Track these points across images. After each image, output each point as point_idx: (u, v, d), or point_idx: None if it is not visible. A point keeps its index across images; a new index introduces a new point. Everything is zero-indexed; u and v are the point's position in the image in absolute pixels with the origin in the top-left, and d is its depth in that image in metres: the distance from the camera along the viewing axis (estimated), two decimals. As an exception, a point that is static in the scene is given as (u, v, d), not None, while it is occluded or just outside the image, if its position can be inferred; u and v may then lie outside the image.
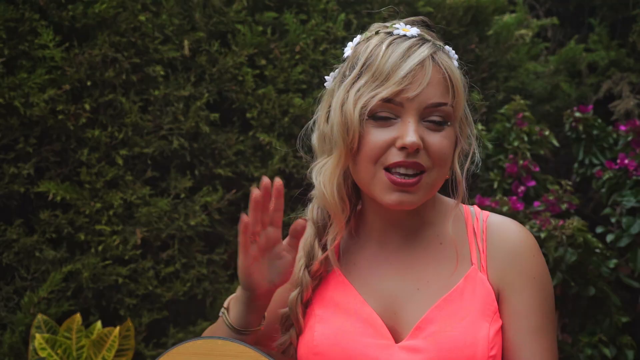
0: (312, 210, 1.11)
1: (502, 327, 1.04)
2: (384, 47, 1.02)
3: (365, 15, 2.49)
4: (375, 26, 1.09)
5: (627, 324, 2.50)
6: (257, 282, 1.01)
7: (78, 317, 1.91)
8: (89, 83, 2.04)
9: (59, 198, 2.01)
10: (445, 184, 1.09)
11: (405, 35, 1.04)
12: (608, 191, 2.52)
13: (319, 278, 1.09)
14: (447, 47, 1.08)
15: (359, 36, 1.08)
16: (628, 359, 2.29)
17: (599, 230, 2.47)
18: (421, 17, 1.08)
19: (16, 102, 1.94)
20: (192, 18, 2.20)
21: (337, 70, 1.11)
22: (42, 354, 1.85)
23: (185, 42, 2.18)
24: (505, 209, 2.37)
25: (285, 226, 1.20)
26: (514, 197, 2.41)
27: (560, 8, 3.67)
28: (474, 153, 1.06)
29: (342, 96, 1.02)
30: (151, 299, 2.14)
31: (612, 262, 2.35)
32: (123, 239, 2.08)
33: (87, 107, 2.03)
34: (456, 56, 1.08)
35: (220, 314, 1.06)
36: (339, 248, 1.12)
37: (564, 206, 2.46)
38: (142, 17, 2.08)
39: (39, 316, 1.90)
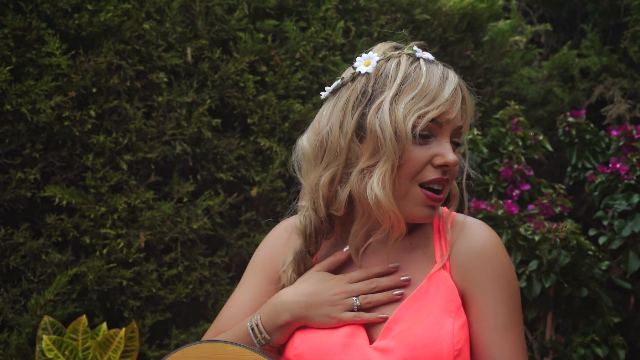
0: (303, 223, 1.13)
1: (470, 325, 1.07)
2: (424, 67, 1.07)
3: (363, 22, 2.53)
4: (385, 46, 1.13)
5: (618, 324, 2.55)
6: None
7: (84, 318, 1.93)
8: (94, 90, 2.06)
9: (64, 202, 2.03)
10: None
11: (428, 59, 1.10)
12: (600, 194, 2.56)
13: None
14: None
15: (374, 55, 1.11)
16: (620, 358, 2.33)
17: (592, 232, 2.51)
18: (423, 42, 1.14)
19: (23, 109, 1.95)
20: (194, 26, 2.23)
21: (339, 82, 1.12)
22: (49, 355, 1.87)
23: (188, 50, 2.20)
24: (500, 212, 2.42)
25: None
26: (509, 201, 2.45)
27: (554, 14, 3.73)
28: (467, 170, 1.14)
29: (387, 111, 1.05)
30: (154, 301, 2.17)
31: (605, 264, 2.39)
32: (127, 242, 2.11)
33: (92, 113, 2.05)
34: None
35: (257, 342, 1.10)
36: (318, 255, 1.16)
37: (558, 209, 2.50)
38: (146, 25, 2.10)
39: (46, 318, 1.92)
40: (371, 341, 1.07)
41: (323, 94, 1.15)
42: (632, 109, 3.12)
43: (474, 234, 1.11)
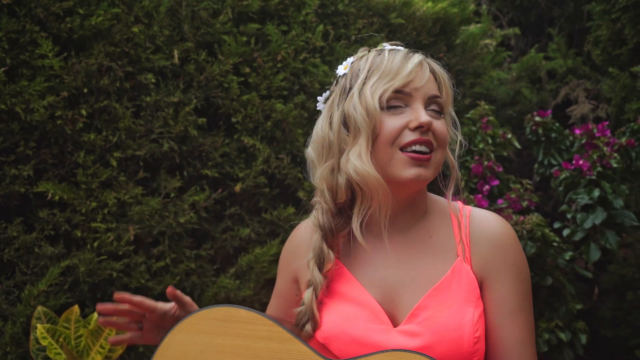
0: (316, 216, 1.22)
1: (486, 310, 1.16)
2: (386, 54, 1.19)
3: (341, 26, 2.64)
4: (361, 49, 1.26)
5: (584, 312, 2.70)
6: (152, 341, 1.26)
7: (76, 308, 2.00)
8: (85, 90, 2.12)
9: (56, 197, 2.09)
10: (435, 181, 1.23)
11: (394, 49, 1.22)
12: (565, 189, 2.71)
13: (329, 276, 1.20)
14: None
15: (350, 58, 1.24)
16: (581, 342, 2.48)
17: (557, 225, 2.66)
18: (398, 42, 1.26)
19: (17, 108, 2.01)
20: (181, 29, 2.31)
21: (328, 92, 1.26)
22: (44, 343, 1.95)
23: (175, 52, 2.28)
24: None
25: (283, 225, 1.34)
26: (479, 195, 2.60)
27: (523, 18, 3.89)
28: (461, 143, 1.21)
29: (357, 95, 1.16)
30: (143, 292, 2.23)
31: (568, 255, 2.54)
32: (117, 236, 2.18)
33: (83, 112, 2.12)
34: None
35: None
36: (340, 242, 1.23)
37: (525, 203, 2.65)
38: (134, 29, 2.18)
39: (39, 308, 1.97)
40: (394, 325, 1.15)
41: (318, 105, 1.27)
42: (595, 109, 3.29)
43: (491, 227, 1.19)
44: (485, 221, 1.20)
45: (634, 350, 2.96)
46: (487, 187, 2.72)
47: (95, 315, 2.05)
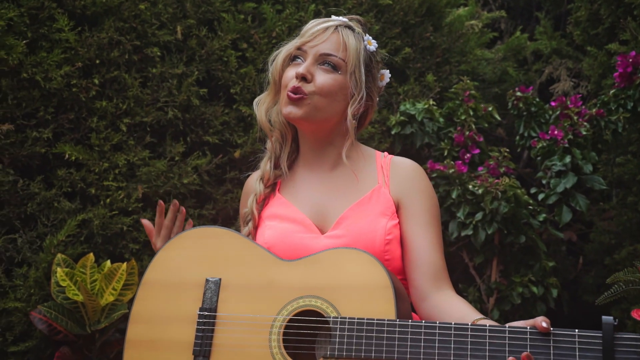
0: (268, 143, 1.58)
1: (401, 224, 1.45)
2: (311, 21, 1.52)
3: (332, 5, 2.85)
4: None
5: (570, 280, 2.88)
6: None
7: (91, 255, 2.22)
8: (97, 61, 2.34)
9: (73, 158, 2.30)
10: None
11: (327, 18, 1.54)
12: (542, 158, 2.89)
13: (270, 188, 1.54)
14: (367, 35, 1.52)
15: None
16: (553, 295, 2.68)
17: (533, 190, 2.85)
18: (358, 17, 1.55)
19: (37, 77, 2.23)
20: (184, 7, 2.53)
21: None
22: (63, 284, 2.18)
23: (178, 28, 2.50)
24: (451, 171, 2.76)
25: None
26: (459, 161, 2.80)
27: (512, 2, 4.08)
28: (362, 98, 1.48)
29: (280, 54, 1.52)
30: (149, 246, 2.45)
31: (542, 216, 2.74)
32: (127, 194, 2.40)
33: (96, 81, 2.34)
34: (369, 38, 1.52)
35: None
36: (281, 177, 1.56)
37: (502, 169, 2.85)
38: (142, 6, 2.40)
39: (59, 255, 2.20)
40: (323, 233, 1.45)
41: None
42: (576, 86, 3.47)
43: (406, 165, 1.53)
44: (403, 162, 1.54)
45: (609, 311, 3.15)
46: (468, 155, 2.91)
47: (108, 262, 2.27)
